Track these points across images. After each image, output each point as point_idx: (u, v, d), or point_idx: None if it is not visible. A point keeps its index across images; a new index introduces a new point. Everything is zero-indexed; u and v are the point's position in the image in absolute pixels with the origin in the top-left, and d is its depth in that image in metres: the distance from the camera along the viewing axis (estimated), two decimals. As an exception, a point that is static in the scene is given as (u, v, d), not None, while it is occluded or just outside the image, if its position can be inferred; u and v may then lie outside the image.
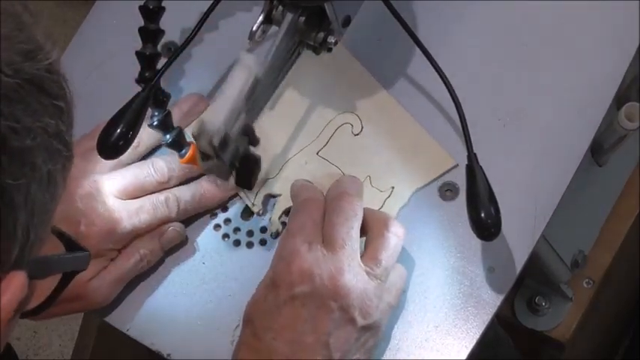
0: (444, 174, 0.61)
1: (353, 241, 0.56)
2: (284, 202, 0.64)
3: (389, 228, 0.57)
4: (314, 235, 0.56)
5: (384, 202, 0.62)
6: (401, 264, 0.59)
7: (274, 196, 0.64)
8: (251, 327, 0.56)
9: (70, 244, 0.45)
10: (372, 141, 0.64)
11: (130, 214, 0.61)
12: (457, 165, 0.62)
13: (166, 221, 0.63)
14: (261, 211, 0.64)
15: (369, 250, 0.56)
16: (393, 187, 0.63)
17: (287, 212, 0.63)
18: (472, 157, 0.58)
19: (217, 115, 0.54)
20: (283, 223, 0.63)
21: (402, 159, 0.63)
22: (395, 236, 0.57)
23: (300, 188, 0.61)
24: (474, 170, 0.57)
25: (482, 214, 0.54)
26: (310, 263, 0.54)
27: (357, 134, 0.65)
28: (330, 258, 0.54)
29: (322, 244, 0.55)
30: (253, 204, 0.64)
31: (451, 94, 0.60)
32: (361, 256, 0.56)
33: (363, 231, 0.57)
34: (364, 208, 0.58)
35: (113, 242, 0.61)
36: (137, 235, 0.62)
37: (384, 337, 0.58)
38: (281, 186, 0.64)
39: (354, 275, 0.54)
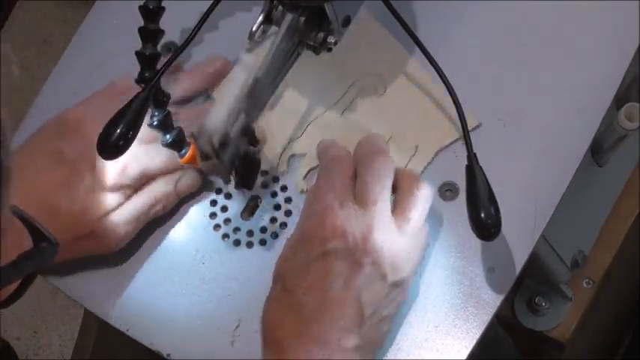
0: (467, 132, 0.61)
1: (385, 199, 0.56)
2: (309, 162, 0.64)
3: (418, 187, 0.58)
4: (345, 193, 0.56)
5: (409, 160, 0.63)
6: None
7: (298, 156, 0.65)
8: (282, 283, 0.56)
9: (35, 234, 0.45)
10: (396, 102, 0.65)
11: (146, 151, 0.62)
12: (481, 124, 0.63)
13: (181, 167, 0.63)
14: (285, 172, 0.65)
15: (399, 208, 0.57)
16: (417, 146, 0.63)
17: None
18: (472, 157, 0.58)
19: (217, 116, 0.54)
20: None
21: (426, 119, 0.64)
22: (424, 195, 0.58)
23: (327, 147, 0.62)
24: (473, 170, 0.57)
25: (482, 215, 0.55)
26: (343, 220, 0.55)
27: (381, 95, 0.65)
28: (362, 215, 0.55)
29: (354, 202, 0.56)
30: (278, 164, 0.65)
31: (451, 94, 0.60)
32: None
33: (393, 189, 0.58)
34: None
35: (128, 178, 0.62)
36: (152, 176, 0.63)
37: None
38: (305, 146, 0.65)
39: (386, 232, 0.55)
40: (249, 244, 0.64)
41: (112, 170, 0.61)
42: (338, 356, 0.53)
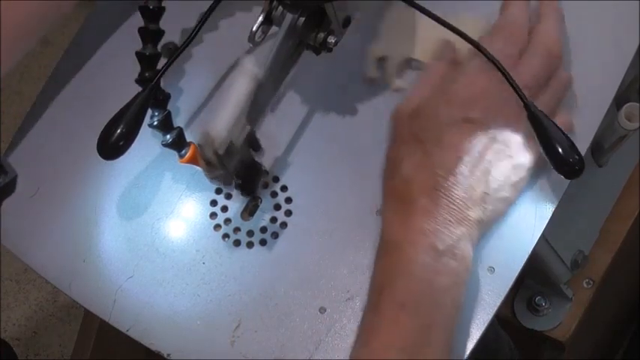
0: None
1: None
2: (395, 60, 0.64)
3: None
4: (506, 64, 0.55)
5: None
6: None
7: (384, 59, 0.65)
8: (418, 141, 0.56)
9: None
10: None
11: None
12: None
13: None
14: (375, 77, 0.65)
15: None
16: None
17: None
18: (530, 105, 0.55)
19: (222, 124, 0.53)
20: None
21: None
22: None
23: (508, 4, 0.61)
24: (537, 116, 0.55)
25: (562, 152, 0.53)
26: (491, 90, 0.55)
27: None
28: (510, 93, 0.54)
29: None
30: (369, 71, 0.65)
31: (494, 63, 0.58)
32: None
33: None
34: None
35: None
36: None
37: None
38: (387, 47, 0.64)
39: (523, 120, 0.54)
40: (250, 244, 0.64)
41: None
42: (463, 224, 0.53)
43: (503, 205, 0.57)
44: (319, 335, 0.60)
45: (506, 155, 0.55)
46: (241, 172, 0.59)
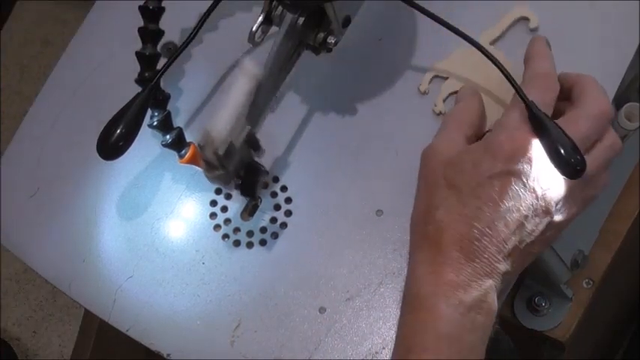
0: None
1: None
2: (451, 85, 0.64)
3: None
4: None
5: None
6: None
7: (442, 78, 0.65)
8: (455, 191, 0.55)
9: None
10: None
11: None
12: None
13: None
14: (428, 91, 0.64)
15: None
16: None
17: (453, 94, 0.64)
18: (531, 106, 0.55)
19: (222, 125, 0.53)
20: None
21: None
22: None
23: (533, 54, 0.59)
24: (538, 118, 0.55)
25: (564, 152, 0.52)
26: (532, 143, 0.54)
27: (534, 29, 0.64)
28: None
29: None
30: (420, 85, 0.64)
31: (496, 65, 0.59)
32: None
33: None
34: None
35: None
36: None
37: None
38: (449, 68, 0.64)
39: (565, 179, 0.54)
40: (249, 245, 0.64)
41: None
42: (491, 277, 0.53)
43: (530, 258, 0.56)
44: (319, 335, 0.60)
45: (544, 212, 0.54)
46: (241, 173, 0.59)
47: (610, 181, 0.61)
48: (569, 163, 0.52)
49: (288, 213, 0.64)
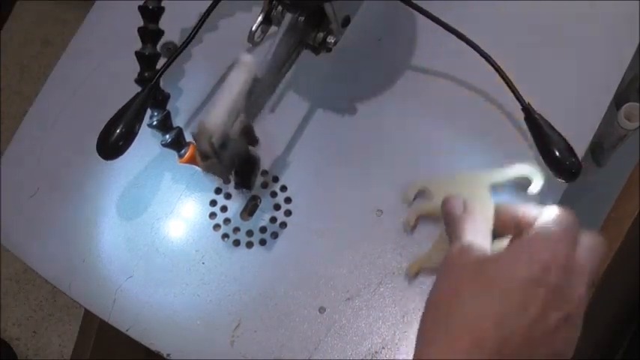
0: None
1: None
2: (426, 205, 0.62)
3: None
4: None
5: None
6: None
7: (422, 193, 0.63)
8: (485, 288, 0.51)
9: None
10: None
11: None
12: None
13: None
14: (410, 204, 0.62)
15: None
16: None
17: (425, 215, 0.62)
18: (527, 107, 0.54)
19: (217, 116, 0.54)
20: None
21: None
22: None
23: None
24: (534, 118, 0.54)
25: (558, 154, 0.52)
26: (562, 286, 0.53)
27: (532, 194, 0.60)
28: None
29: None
30: (406, 195, 0.62)
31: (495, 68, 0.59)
32: None
33: None
34: None
35: None
36: None
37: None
38: (438, 190, 0.61)
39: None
40: (249, 244, 0.64)
41: None
42: None
43: None
44: (319, 335, 0.60)
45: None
46: (237, 165, 0.59)
47: (610, 181, 0.61)
48: (564, 165, 0.52)
49: (288, 213, 0.64)
